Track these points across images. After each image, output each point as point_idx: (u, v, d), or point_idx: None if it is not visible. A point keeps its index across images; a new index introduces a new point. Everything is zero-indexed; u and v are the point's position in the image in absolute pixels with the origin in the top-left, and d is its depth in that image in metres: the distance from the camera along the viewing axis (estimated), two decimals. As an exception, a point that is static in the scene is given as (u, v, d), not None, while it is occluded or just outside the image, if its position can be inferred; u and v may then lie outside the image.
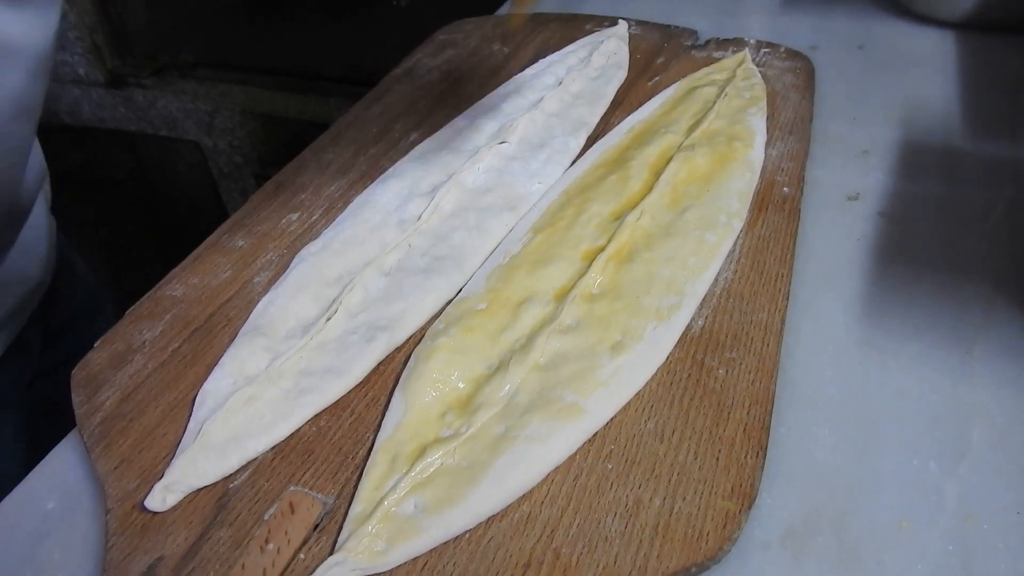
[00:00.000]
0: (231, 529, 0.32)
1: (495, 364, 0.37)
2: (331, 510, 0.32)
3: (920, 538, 0.30)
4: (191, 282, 0.44)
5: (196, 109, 1.26)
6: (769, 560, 0.30)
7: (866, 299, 0.41)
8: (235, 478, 0.34)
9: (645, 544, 0.30)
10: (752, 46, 0.62)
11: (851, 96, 0.57)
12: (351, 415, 0.36)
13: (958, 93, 0.57)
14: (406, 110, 0.59)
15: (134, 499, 0.33)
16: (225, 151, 1.30)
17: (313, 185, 0.52)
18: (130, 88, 1.29)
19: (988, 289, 0.41)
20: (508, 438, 0.33)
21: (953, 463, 0.33)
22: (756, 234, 0.44)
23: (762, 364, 0.37)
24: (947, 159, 0.50)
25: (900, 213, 0.46)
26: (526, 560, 0.30)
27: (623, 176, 0.48)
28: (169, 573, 0.30)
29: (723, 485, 0.32)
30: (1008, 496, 0.31)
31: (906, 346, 0.38)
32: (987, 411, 0.35)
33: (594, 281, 0.41)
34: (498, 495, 0.31)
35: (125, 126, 1.34)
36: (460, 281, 0.42)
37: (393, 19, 1.09)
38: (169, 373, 0.39)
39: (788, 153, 0.50)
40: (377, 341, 0.39)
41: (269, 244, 0.47)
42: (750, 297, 0.40)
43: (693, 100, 0.54)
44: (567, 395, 0.35)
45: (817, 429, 0.35)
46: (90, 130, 1.36)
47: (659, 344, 0.38)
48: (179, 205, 1.42)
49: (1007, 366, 0.37)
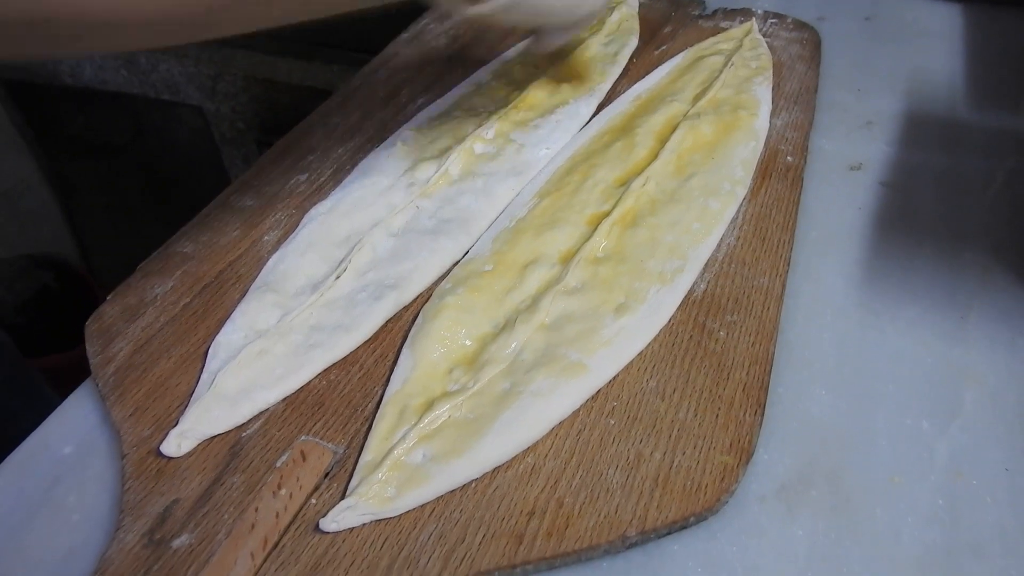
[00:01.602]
0: (244, 475, 0.33)
1: (501, 323, 0.38)
2: (341, 459, 0.33)
3: (911, 492, 0.31)
4: (201, 239, 0.45)
5: (199, 73, 1.26)
6: (765, 511, 0.31)
7: (865, 265, 0.42)
8: (247, 427, 0.35)
9: (645, 495, 0.31)
10: (759, 17, 0.62)
11: (856, 67, 0.57)
12: (360, 370, 0.37)
13: (963, 65, 0.57)
14: (413, 75, 0.59)
15: (149, 445, 0.34)
16: (227, 116, 1.30)
17: (321, 148, 0.52)
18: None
19: (986, 257, 0.41)
20: (514, 393, 0.34)
21: (945, 422, 0.34)
22: (759, 202, 0.45)
23: (762, 327, 0.38)
24: (950, 130, 0.51)
25: (902, 183, 0.47)
26: (530, 508, 0.31)
27: (629, 143, 0.48)
28: (184, 515, 0.31)
29: (722, 441, 0.33)
30: (997, 454, 0.33)
31: (903, 311, 0.39)
32: (980, 374, 0.36)
33: (599, 245, 0.41)
34: (503, 447, 0.33)
35: (127, 89, 1.33)
36: (467, 243, 0.43)
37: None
38: (181, 326, 0.40)
39: (792, 123, 0.51)
40: (385, 299, 0.40)
41: (278, 204, 0.47)
42: (752, 262, 0.41)
43: (699, 69, 0.55)
44: (571, 353, 0.36)
45: (814, 389, 0.36)
46: (92, 92, 1.36)
47: (662, 306, 0.38)
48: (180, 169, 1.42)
49: (1000, 331, 0.38)
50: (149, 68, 1.28)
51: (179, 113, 1.33)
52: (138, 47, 0.39)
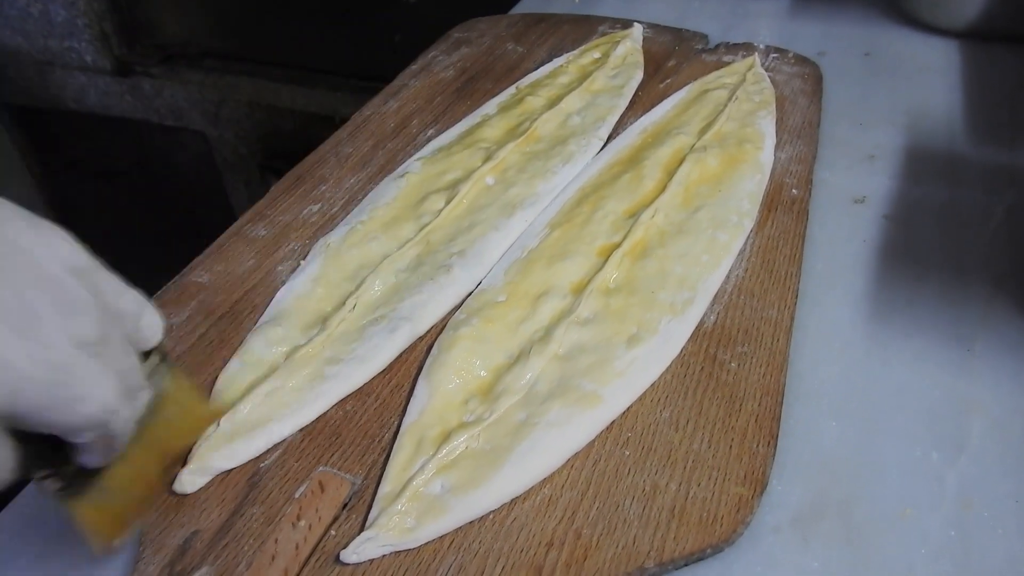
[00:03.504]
0: (263, 507, 0.33)
1: (515, 354, 0.38)
2: (359, 490, 0.34)
3: (922, 524, 0.32)
4: (216, 269, 0.46)
5: (203, 99, 1.27)
6: (779, 542, 0.32)
7: (871, 298, 0.42)
8: (265, 458, 0.35)
9: (662, 526, 0.31)
10: (761, 51, 0.63)
11: (857, 101, 0.59)
12: (376, 400, 0.38)
13: (961, 100, 0.58)
14: (423, 106, 0.60)
15: (167, 477, 0.34)
16: (231, 142, 1.31)
17: (333, 178, 0.53)
18: (137, 76, 1.29)
19: (988, 289, 0.42)
20: (529, 424, 0.35)
21: (953, 454, 0.34)
22: (766, 234, 0.46)
23: (772, 358, 0.38)
24: (950, 164, 0.52)
25: (904, 216, 0.48)
26: (548, 540, 0.31)
27: (637, 175, 0.49)
28: (204, 547, 0.32)
29: (736, 472, 0.33)
30: (1006, 485, 0.33)
31: (909, 343, 0.40)
32: (986, 405, 0.36)
33: (610, 276, 0.42)
34: (521, 478, 0.33)
35: (131, 114, 1.34)
36: (480, 274, 0.44)
37: (402, 16, 1.10)
38: (198, 356, 0.40)
39: (796, 156, 0.52)
40: (400, 331, 0.40)
41: (291, 234, 0.48)
42: (760, 294, 0.42)
43: (704, 103, 0.56)
44: (585, 384, 0.36)
45: (824, 420, 0.36)
46: (96, 118, 1.37)
47: (673, 337, 0.39)
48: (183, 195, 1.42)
49: (1005, 362, 0.38)
50: (153, 93, 1.30)
51: (182, 138, 1.35)
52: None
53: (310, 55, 1.20)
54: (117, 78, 1.30)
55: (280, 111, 1.24)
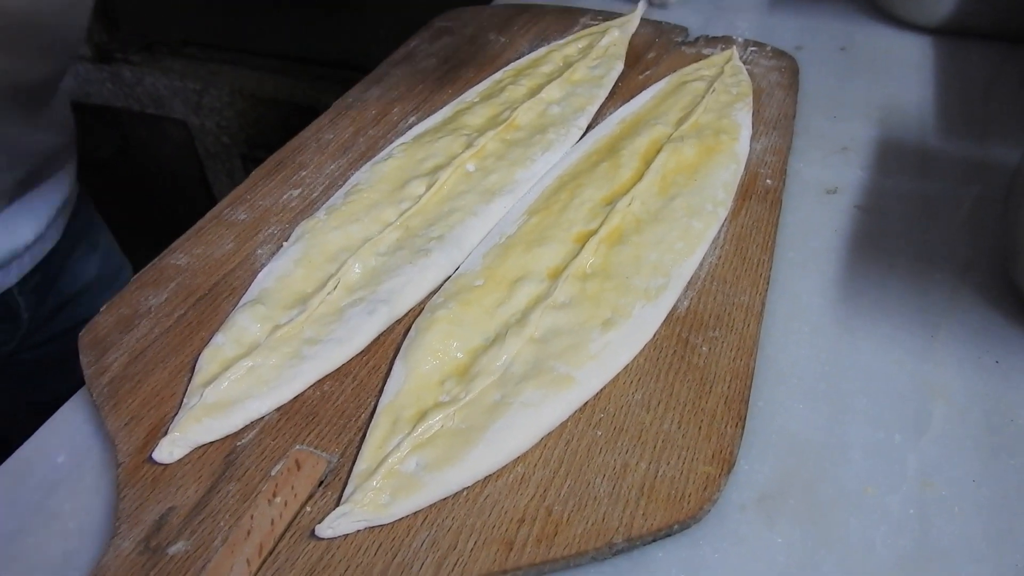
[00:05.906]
0: (239, 484, 0.33)
1: (492, 336, 0.39)
2: (335, 468, 0.34)
3: (883, 502, 0.33)
4: (195, 252, 0.46)
5: (184, 87, 1.26)
6: (745, 520, 0.33)
7: (841, 285, 0.43)
8: (242, 436, 0.36)
9: (631, 504, 0.32)
10: (740, 44, 0.64)
11: (832, 95, 0.60)
12: (353, 381, 0.38)
13: (933, 95, 0.60)
14: (405, 93, 0.60)
15: (144, 454, 0.35)
16: (212, 131, 1.30)
17: (313, 163, 0.53)
18: (118, 64, 1.28)
19: (953, 278, 0.43)
20: (504, 404, 0.35)
21: (916, 436, 0.35)
22: (740, 222, 0.47)
23: (743, 342, 0.39)
24: (921, 157, 0.53)
25: (875, 206, 0.49)
26: (520, 516, 0.32)
27: (615, 164, 0.50)
28: (180, 522, 0.32)
29: (704, 452, 0.34)
30: (965, 467, 0.34)
31: (877, 328, 0.41)
32: (948, 389, 0.37)
33: (586, 262, 0.43)
34: (494, 456, 0.33)
35: (112, 102, 1.33)
36: (458, 259, 0.44)
37: (384, 6, 1.10)
38: (175, 337, 0.40)
39: (771, 147, 0.53)
40: (378, 313, 0.40)
41: (271, 218, 0.48)
42: (733, 280, 0.43)
43: (683, 94, 0.57)
44: (560, 366, 0.37)
45: (792, 402, 0.37)
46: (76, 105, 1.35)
47: (646, 322, 0.40)
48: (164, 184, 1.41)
49: (968, 349, 0.39)
50: (134, 81, 1.29)
51: (164, 127, 1.34)
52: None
53: (293, 44, 1.20)
54: (98, 65, 1.29)
55: (263, 100, 1.23)
